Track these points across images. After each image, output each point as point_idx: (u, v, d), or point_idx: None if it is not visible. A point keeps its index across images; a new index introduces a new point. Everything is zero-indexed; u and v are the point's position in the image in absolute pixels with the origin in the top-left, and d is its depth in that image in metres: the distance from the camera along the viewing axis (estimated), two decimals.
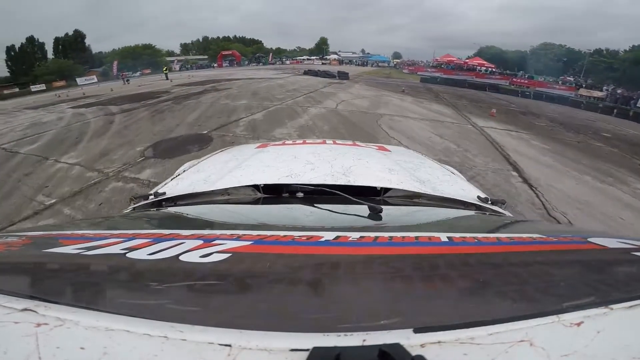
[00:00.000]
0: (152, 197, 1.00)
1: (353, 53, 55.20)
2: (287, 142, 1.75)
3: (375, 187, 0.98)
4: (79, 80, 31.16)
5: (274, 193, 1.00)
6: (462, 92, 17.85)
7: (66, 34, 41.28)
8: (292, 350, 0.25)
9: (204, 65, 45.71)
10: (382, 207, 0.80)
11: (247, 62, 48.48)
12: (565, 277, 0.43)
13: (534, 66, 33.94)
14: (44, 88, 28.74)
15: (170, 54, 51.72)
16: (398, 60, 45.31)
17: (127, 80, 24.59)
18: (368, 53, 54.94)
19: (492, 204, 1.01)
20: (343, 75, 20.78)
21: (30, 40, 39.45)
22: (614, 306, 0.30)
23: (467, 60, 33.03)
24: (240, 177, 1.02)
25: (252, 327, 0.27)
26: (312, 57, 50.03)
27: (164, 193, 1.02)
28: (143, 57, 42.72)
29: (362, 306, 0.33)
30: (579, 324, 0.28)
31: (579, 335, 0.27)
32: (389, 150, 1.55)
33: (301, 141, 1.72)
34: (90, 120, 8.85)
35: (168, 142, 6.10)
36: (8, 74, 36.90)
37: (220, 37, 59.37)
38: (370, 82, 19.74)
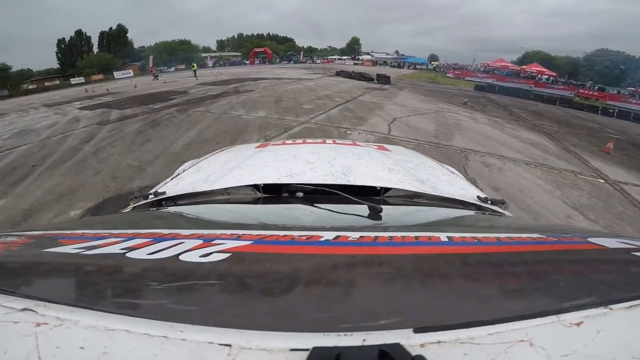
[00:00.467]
0: (152, 196, 1.00)
1: (387, 54, 52.90)
2: (287, 141, 1.76)
3: (375, 187, 0.98)
4: (116, 74, 31.68)
5: (274, 193, 1.00)
6: (533, 106, 14.60)
7: (110, 29, 42.89)
8: (292, 350, 0.25)
9: (236, 62, 45.90)
10: (382, 206, 0.79)
11: (278, 60, 48.05)
12: (565, 277, 0.43)
13: (586, 74, 31.60)
14: (83, 81, 29.41)
15: (207, 50, 52.26)
16: (437, 63, 42.60)
17: (157, 76, 24.32)
18: (402, 54, 52.58)
19: (492, 203, 1.00)
20: (383, 79, 18.01)
21: (79, 33, 41.05)
22: (613, 306, 0.30)
23: (524, 67, 29.85)
24: (240, 176, 1.03)
25: (252, 327, 0.27)
26: (344, 57, 48.45)
27: (164, 192, 1.02)
28: (178, 53, 43.15)
29: (362, 306, 0.34)
30: (578, 324, 0.28)
31: (579, 335, 0.27)
32: (389, 150, 1.55)
33: (301, 141, 1.72)
34: (76, 131, 7.64)
35: (112, 206, 3.94)
36: (58, 66, 39.06)
37: (255, 34, 59.72)
38: (417, 88, 17.26)
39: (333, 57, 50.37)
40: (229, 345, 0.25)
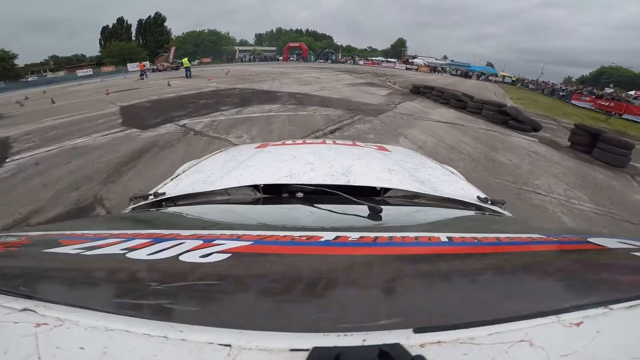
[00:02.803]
0: (152, 197, 1.00)
1: (435, 59, 47.17)
2: (287, 142, 1.76)
3: (375, 187, 0.98)
4: (129, 67, 28.89)
5: (274, 193, 1.00)
6: None
7: (149, 17, 42.52)
8: (292, 350, 0.25)
9: (270, 57, 42.95)
10: (382, 207, 0.79)
11: (313, 58, 44.13)
12: (565, 277, 0.43)
13: None
14: (91, 73, 27.08)
15: (244, 43, 50.54)
16: (514, 76, 33.69)
17: (143, 76, 18.75)
18: (452, 60, 47.24)
19: (492, 204, 1.00)
20: (527, 123, 7.67)
21: (120, 21, 40.99)
22: (613, 306, 0.31)
23: None
24: (240, 177, 1.03)
25: (252, 327, 0.27)
26: (392, 60, 42.95)
27: (164, 193, 1.02)
28: (205, 44, 40.62)
29: (362, 306, 0.34)
30: (578, 324, 0.28)
31: (579, 335, 0.27)
32: (389, 150, 1.55)
33: (301, 141, 1.73)
34: None
35: None
36: (99, 53, 39.14)
37: (293, 29, 58.04)
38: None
39: (378, 58, 44.80)
40: (229, 346, 0.25)
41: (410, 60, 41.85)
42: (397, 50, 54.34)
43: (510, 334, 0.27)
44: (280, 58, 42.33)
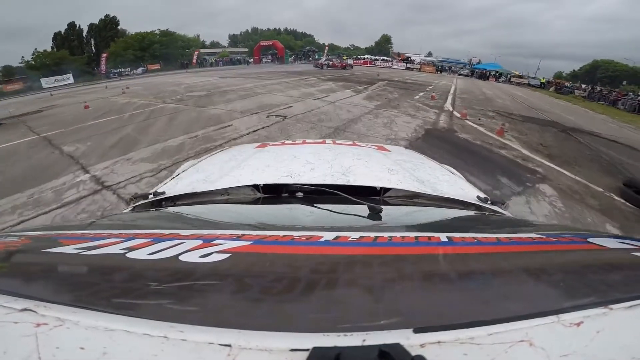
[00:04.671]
0: (152, 196, 1.00)
1: (424, 56, 42.38)
2: (286, 142, 1.76)
3: (375, 187, 0.98)
4: (44, 82, 21.34)
5: (274, 193, 1.00)
6: None
7: (101, 19, 35.03)
8: (292, 350, 0.25)
9: (240, 60, 36.49)
10: (382, 207, 0.80)
11: (292, 58, 37.29)
12: (565, 277, 0.43)
13: None
14: None
15: (215, 45, 45.80)
16: (543, 78, 27.27)
17: None
18: (437, 56, 41.76)
19: (492, 204, 1.01)
20: None
21: (72, 26, 34.22)
22: (613, 306, 0.31)
23: None
24: (239, 176, 1.03)
25: (251, 327, 0.27)
26: (387, 58, 37.35)
27: (164, 193, 1.02)
28: (154, 47, 33.22)
29: (362, 306, 0.34)
30: (578, 324, 0.28)
31: (578, 335, 0.27)
32: (389, 150, 1.55)
33: (301, 141, 1.72)
34: None
35: None
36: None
37: (271, 29, 53.03)
38: None
39: (366, 56, 38.23)
40: (229, 346, 0.25)
41: (411, 59, 36.71)
42: (382, 47, 51.73)
43: (510, 334, 0.27)
44: (250, 60, 36.49)
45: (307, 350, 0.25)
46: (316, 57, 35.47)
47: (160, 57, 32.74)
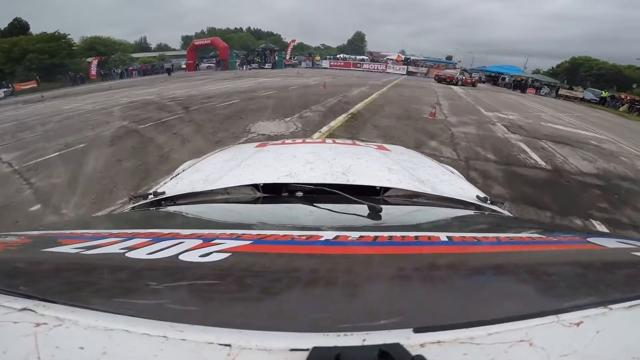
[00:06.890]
0: (152, 196, 1.00)
1: (416, 55, 36.00)
2: (286, 141, 1.75)
3: (374, 187, 0.98)
4: None
5: (274, 192, 1.00)
6: None
7: (10, 24, 27.42)
8: (292, 350, 0.25)
9: (174, 66, 27.96)
10: (382, 206, 0.80)
11: (238, 63, 28.16)
12: (565, 277, 0.43)
13: None
14: None
15: (164, 48, 41.63)
16: (606, 93, 20.39)
17: None
18: (411, 55, 36.26)
19: (492, 203, 1.01)
20: None
21: None
22: (613, 306, 0.31)
23: None
24: (239, 176, 1.03)
25: (251, 327, 0.27)
26: (381, 59, 31.51)
27: (163, 192, 1.02)
28: (31, 57, 23.79)
29: (362, 306, 0.34)
30: (578, 324, 0.28)
31: (578, 335, 0.27)
32: (389, 150, 1.55)
33: (301, 140, 1.72)
34: None
35: None
36: None
37: (229, 28, 47.60)
38: None
39: (340, 56, 33.67)
40: (229, 345, 0.25)
41: (413, 60, 29.88)
42: (356, 45, 48.99)
43: (510, 333, 0.27)
44: (184, 66, 28.51)
45: (307, 350, 0.25)
46: (276, 58, 26.70)
47: (40, 69, 23.90)
